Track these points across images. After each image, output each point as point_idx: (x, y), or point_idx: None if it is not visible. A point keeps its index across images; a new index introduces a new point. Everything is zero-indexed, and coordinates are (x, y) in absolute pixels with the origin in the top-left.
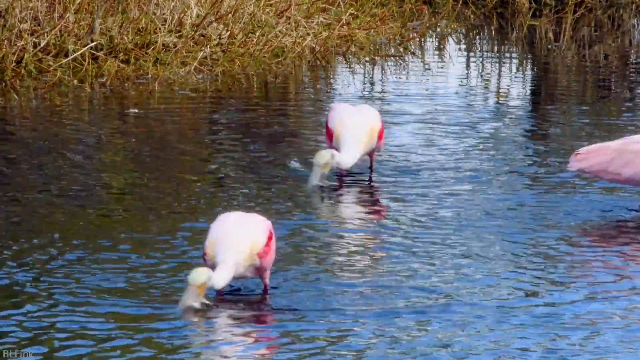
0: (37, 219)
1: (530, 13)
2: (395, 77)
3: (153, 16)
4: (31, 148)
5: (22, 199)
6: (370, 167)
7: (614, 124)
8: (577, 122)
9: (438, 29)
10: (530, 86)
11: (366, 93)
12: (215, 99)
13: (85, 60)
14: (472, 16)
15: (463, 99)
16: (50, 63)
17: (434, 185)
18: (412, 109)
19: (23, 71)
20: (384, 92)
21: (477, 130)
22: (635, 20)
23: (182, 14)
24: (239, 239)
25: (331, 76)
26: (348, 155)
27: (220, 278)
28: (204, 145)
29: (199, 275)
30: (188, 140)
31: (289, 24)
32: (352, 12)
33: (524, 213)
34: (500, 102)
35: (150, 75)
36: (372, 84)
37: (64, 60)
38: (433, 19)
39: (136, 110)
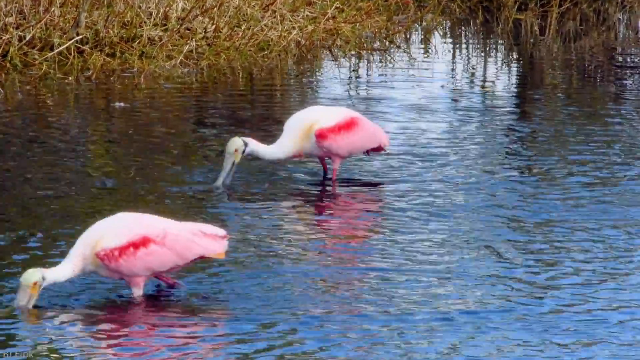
0: (20, 213)
1: (516, 7)
2: (381, 71)
3: (138, 10)
4: (16, 142)
5: (6, 192)
6: (326, 174)
7: (599, 114)
8: (562, 113)
9: (424, 23)
10: (516, 79)
11: (351, 86)
12: (201, 93)
13: (70, 54)
14: (457, 10)
15: (449, 92)
16: (36, 57)
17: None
18: (397, 103)
19: (8, 65)
20: (370, 86)
21: (462, 124)
22: (620, 14)
23: (168, 8)
24: (88, 235)
25: (317, 70)
26: (273, 148)
27: (56, 271)
28: (189, 138)
29: (30, 275)
30: (174, 133)
31: (274, 17)
32: (338, 5)
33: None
34: (485, 95)
35: (135, 69)
36: (357, 77)
37: (50, 54)
38: (419, 12)
39: (122, 104)
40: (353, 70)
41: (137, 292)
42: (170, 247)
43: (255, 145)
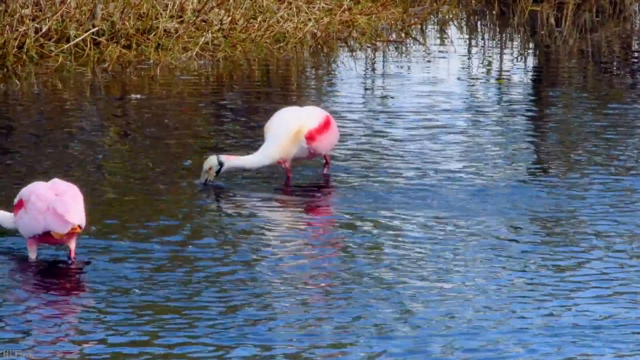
0: None
1: None
2: (397, 63)
3: (154, 1)
4: (32, 133)
5: (23, 184)
6: (289, 180)
7: (616, 108)
8: (578, 107)
9: (439, 15)
10: (532, 71)
11: (367, 78)
12: (216, 85)
13: (87, 46)
14: (473, 1)
15: (464, 84)
16: (52, 48)
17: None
18: (412, 95)
19: (25, 57)
20: (385, 78)
21: (477, 116)
22: (637, 6)
23: (184, 0)
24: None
25: (332, 61)
26: (257, 156)
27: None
28: (205, 131)
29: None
30: (189, 125)
31: (290, 9)
32: None
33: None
34: (501, 87)
35: (151, 61)
36: (373, 69)
37: (66, 46)
38: (434, 4)
39: (138, 96)
40: (369, 62)
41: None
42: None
43: (234, 161)
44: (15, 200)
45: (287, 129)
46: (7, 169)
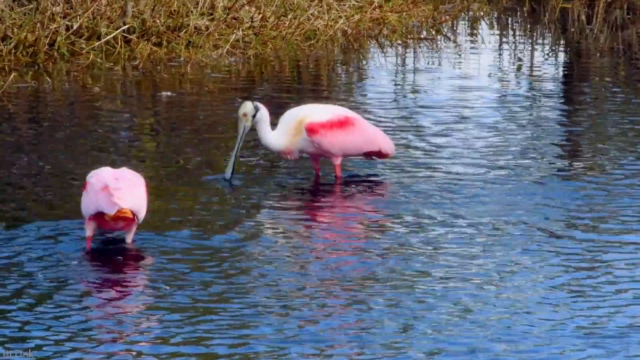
0: (71, 201)
1: None
2: (428, 60)
3: None
4: (63, 130)
5: (55, 182)
6: (319, 178)
7: None
8: (609, 104)
9: (470, 12)
10: (563, 69)
11: (398, 76)
12: (247, 82)
13: (117, 43)
14: None
15: (495, 81)
16: (83, 46)
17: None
18: (444, 92)
19: (56, 54)
20: (416, 75)
21: (508, 114)
22: None
23: None
24: None
25: (363, 59)
26: (274, 134)
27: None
28: (236, 128)
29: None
30: (220, 122)
31: (321, 6)
32: None
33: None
34: (532, 85)
35: (182, 58)
36: (404, 67)
37: (97, 43)
38: (465, 1)
39: (169, 93)
40: (399, 60)
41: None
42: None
43: (265, 115)
44: None
45: (293, 119)
46: (38, 166)
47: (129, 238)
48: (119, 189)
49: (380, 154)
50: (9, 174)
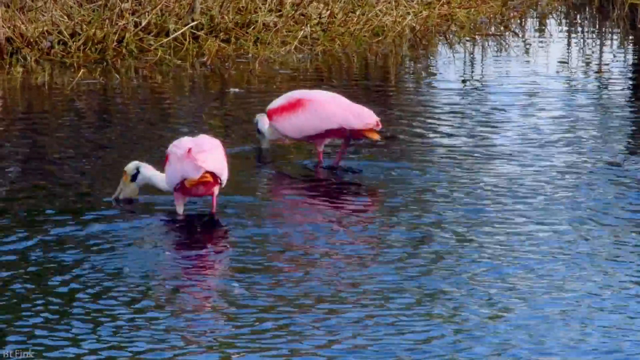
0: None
1: None
2: (496, 57)
3: None
4: (132, 126)
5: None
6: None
7: None
8: None
9: (539, 8)
10: (632, 65)
11: (466, 72)
12: (315, 78)
13: (186, 40)
14: None
15: (564, 78)
16: (151, 42)
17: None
18: (512, 89)
19: (124, 51)
20: (484, 72)
21: (576, 111)
22: None
23: None
24: None
25: (431, 55)
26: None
27: None
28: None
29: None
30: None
31: (389, 2)
32: None
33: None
34: (601, 81)
35: (250, 55)
36: (472, 63)
37: (165, 40)
38: None
39: (237, 90)
40: (467, 56)
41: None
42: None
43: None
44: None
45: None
46: (106, 162)
47: (214, 204)
48: (202, 152)
49: (344, 132)
50: (79, 168)
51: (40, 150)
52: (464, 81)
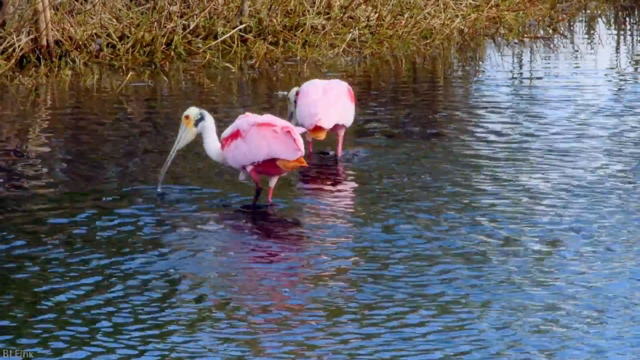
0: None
1: None
2: (544, 59)
3: None
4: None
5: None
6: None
7: None
8: None
9: (587, 10)
10: None
11: (514, 75)
12: (363, 81)
13: (234, 42)
14: None
15: (612, 81)
16: (200, 45)
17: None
18: (560, 91)
19: (172, 53)
20: (533, 75)
21: (626, 114)
22: None
23: None
24: None
25: (480, 58)
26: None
27: None
28: (353, 127)
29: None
30: None
31: (437, 5)
32: None
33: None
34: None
35: (298, 57)
36: (521, 66)
37: (213, 43)
38: (582, 0)
39: (285, 93)
40: (516, 59)
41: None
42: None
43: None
44: (226, 133)
45: None
46: (151, 165)
47: (274, 182)
48: (297, 134)
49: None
50: (124, 170)
51: (88, 152)
52: (512, 83)
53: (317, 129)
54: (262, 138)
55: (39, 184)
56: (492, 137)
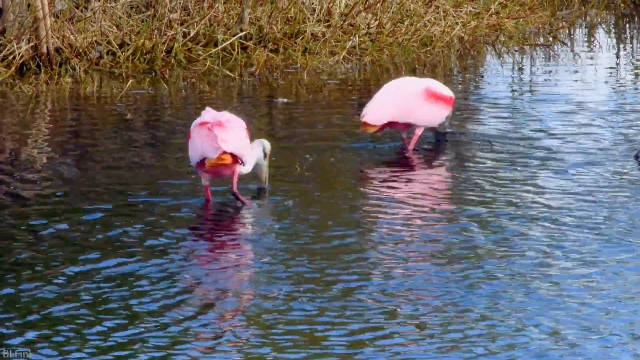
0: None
1: None
2: (545, 67)
3: (302, 6)
4: (180, 137)
5: (169, 186)
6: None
7: None
8: None
9: (588, 18)
10: None
11: (515, 82)
12: (363, 88)
13: (234, 50)
14: (622, 5)
15: (613, 88)
16: (200, 52)
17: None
18: (560, 98)
19: (173, 61)
20: (533, 82)
21: (625, 122)
22: None
23: (331, 4)
24: None
25: (480, 65)
26: None
27: None
28: (353, 133)
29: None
30: (337, 128)
31: (437, 13)
32: (501, 1)
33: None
34: None
35: (299, 65)
36: (521, 73)
37: (214, 50)
38: (583, 7)
39: (285, 100)
40: (516, 67)
41: None
42: None
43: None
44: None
45: None
46: (154, 173)
47: (234, 184)
48: (224, 131)
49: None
50: (126, 178)
51: (87, 159)
52: (512, 91)
53: (364, 124)
54: (198, 138)
55: (38, 191)
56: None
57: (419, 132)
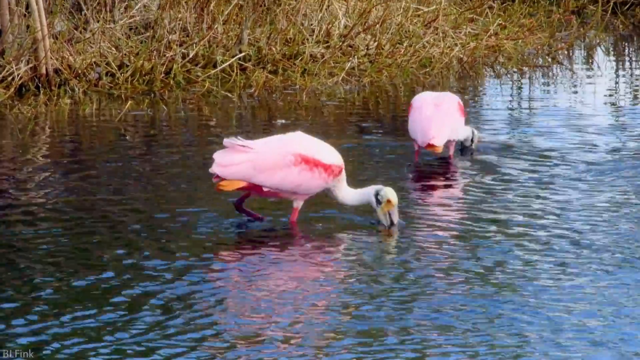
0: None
1: None
2: (543, 88)
3: (301, 27)
4: (178, 158)
5: (166, 207)
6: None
7: None
8: None
9: (586, 39)
10: None
11: (514, 103)
12: (362, 109)
13: (233, 71)
14: (621, 26)
15: (611, 109)
16: (199, 74)
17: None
18: (560, 120)
19: (172, 82)
20: (532, 103)
21: (625, 142)
22: None
23: (330, 25)
24: None
25: (479, 87)
26: None
27: None
28: (352, 155)
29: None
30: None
31: (436, 34)
32: (500, 22)
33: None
34: None
35: (298, 86)
36: (520, 94)
37: (213, 71)
38: (581, 29)
39: (284, 121)
40: (515, 87)
41: None
42: None
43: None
44: None
45: None
46: (153, 195)
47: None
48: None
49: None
50: (125, 199)
51: (88, 181)
52: (511, 112)
53: (430, 146)
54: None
55: (38, 211)
56: (491, 164)
57: (452, 149)
